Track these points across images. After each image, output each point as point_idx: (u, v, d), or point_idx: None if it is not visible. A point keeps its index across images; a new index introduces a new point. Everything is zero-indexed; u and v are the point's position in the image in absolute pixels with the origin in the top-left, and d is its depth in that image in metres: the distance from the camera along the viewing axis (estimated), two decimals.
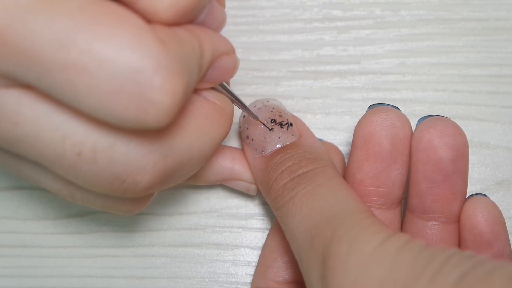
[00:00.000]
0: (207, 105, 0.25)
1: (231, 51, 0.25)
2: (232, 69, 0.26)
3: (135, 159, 0.21)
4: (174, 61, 0.19)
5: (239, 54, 0.36)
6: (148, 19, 0.20)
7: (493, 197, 0.34)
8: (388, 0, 0.37)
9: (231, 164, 0.31)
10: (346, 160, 0.33)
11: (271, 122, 0.30)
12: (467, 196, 0.29)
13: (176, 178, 0.24)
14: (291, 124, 0.30)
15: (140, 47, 0.18)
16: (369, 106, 0.29)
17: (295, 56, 0.36)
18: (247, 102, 0.32)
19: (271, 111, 0.31)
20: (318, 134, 0.35)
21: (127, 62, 0.18)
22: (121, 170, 0.21)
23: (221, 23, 0.25)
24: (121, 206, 0.25)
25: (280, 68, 0.36)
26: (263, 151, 0.30)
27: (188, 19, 0.22)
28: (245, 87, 0.36)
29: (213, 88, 0.26)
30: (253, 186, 0.31)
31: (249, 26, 0.37)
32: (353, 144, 0.29)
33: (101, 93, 0.18)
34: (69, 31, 0.18)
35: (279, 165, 0.28)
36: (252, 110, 0.31)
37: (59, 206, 0.34)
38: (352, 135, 0.29)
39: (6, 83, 0.19)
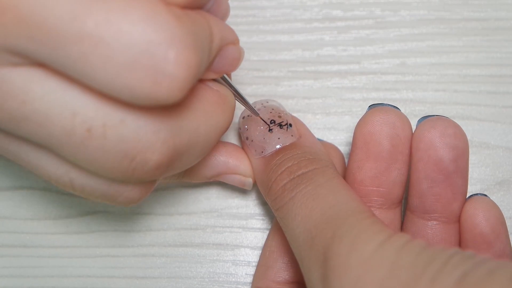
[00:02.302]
0: (211, 92, 0.26)
1: (236, 40, 0.26)
2: (237, 59, 0.26)
3: (145, 136, 0.21)
4: (189, 36, 0.19)
5: None
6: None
7: (493, 197, 0.34)
8: (388, 0, 0.37)
9: (225, 158, 0.31)
10: (346, 160, 0.33)
11: (271, 123, 0.30)
12: (467, 196, 0.29)
13: (182, 162, 0.24)
14: (290, 125, 0.30)
15: (156, 20, 0.19)
16: (369, 106, 0.29)
17: (295, 56, 0.36)
18: None
19: (271, 112, 0.31)
20: (318, 134, 0.35)
21: (143, 34, 0.18)
22: (131, 147, 0.21)
23: (225, 13, 0.26)
24: (123, 193, 0.25)
25: (280, 68, 0.36)
26: (262, 152, 0.30)
27: (198, 5, 0.22)
28: (245, 87, 0.36)
29: (215, 81, 0.27)
30: (249, 180, 0.31)
31: (249, 26, 0.37)
32: (353, 144, 0.29)
33: (116, 66, 0.18)
34: (84, 2, 0.18)
35: (278, 165, 0.28)
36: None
37: (60, 206, 0.34)
38: (352, 135, 0.29)
39: (15, 61, 0.19)
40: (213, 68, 0.25)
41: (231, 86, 0.27)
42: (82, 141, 0.20)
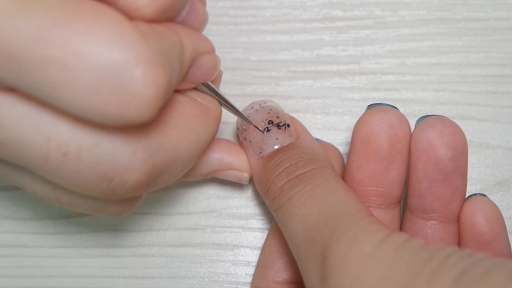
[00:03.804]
0: (194, 105, 0.25)
1: (211, 50, 0.25)
2: (213, 68, 0.26)
3: (122, 157, 0.21)
4: (155, 54, 0.19)
5: (239, 54, 0.36)
6: (129, 16, 0.20)
7: (493, 197, 0.34)
8: (388, 0, 0.37)
9: (219, 154, 0.30)
10: (345, 160, 0.33)
11: (269, 124, 0.30)
12: (466, 196, 0.29)
13: (164, 178, 0.24)
14: (288, 125, 0.30)
15: (121, 39, 0.18)
16: (368, 106, 0.29)
17: (295, 56, 0.36)
18: (246, 102, 0.32)
19: (268, 113, 0.31)
20: (318, 134, 0.35)
21: (108, 55, 0.18)
22: (108, 169, 0.21)
23: (203, 22, 0.25)
24: (109, 208, 0.25)
25: (280, 68, 0.36)
26: (260, 152, 0.30)
27: (169, 16, 0.22)
28: (245, 87, 0.36)
29: (202, 91, 0.26)
30: (245, 174, 0.31)
31: (249, 26, 0.37)
32: (352, 144, 0.29)
33: (82, 88, 0.18)
34: (47, 26, 0.18)
35: (276, 166, 0.28)
36: (249, 111, 0.31)
37: (59, 206, 0.34)
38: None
39: None
40: (189, 79, 0.25)
41: (218, 95, 0.27)
42: (58, 165, 0.20)
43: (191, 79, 0.25)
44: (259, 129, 0.30)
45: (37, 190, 0.23)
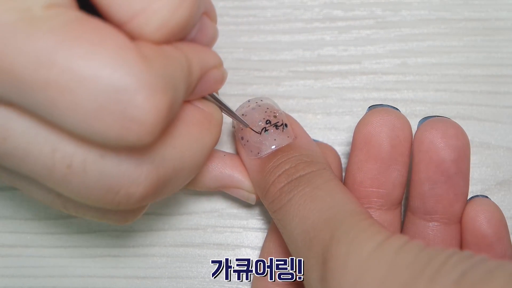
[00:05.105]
0: (196, 113, 0.25)
1: (219, 64, 0.25)
2: (220, 82, 0.26)
3: (127, 170, 0.21)
4: (158, 79, 0.19)
5: (240, 54, 0.36)
6: (136, 38, 0.20)
7: (493, 197, 0.34)
8: (389, 0, 0.37)
9: (231, 171, 0.30)
10: (343, 160, 0.33)
11: (266, 123, 0.30)
12: (468, 198, 0.29)
13: (169, 188, 0.24)
14: (286, 125, 0.30)
15: (122, 64, 0.18)
16: (369, 107, 0.29)
17: (296, 56, 0.36)
18: None
19: (265, 112, 0.30)
20: (319, 134, 0.35)
21: (109, 80, 0.18)
22: (114, 182, 0.21)
23: (213, 38, 0.25)
24: (115, 216, 0.25)
25: (281, 68, 0.36)
26: (258, 153, 0.29)
27: (178, 37, 0.22)
28: (246, 87, 0.36)
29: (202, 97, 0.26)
30: (253, 196, 0.31)
31: (250, 26, 0.37)
32: (353, 145, 0.29)
33: (83, 112, 0.18)
34: (50, 49, 0.18)
35: (276, 168, 0.28)
36: (246, 109, 0.30)
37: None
38: (353, 135, 0.29)
39: None
40: (196, 92, 0.25)
41: (216, 100, 0.27)
42: (63, 177, 0.20)
43: (197, 93, 0.25)
44: (256, 132, 0.30)
45: (44, 198, 0.24)
